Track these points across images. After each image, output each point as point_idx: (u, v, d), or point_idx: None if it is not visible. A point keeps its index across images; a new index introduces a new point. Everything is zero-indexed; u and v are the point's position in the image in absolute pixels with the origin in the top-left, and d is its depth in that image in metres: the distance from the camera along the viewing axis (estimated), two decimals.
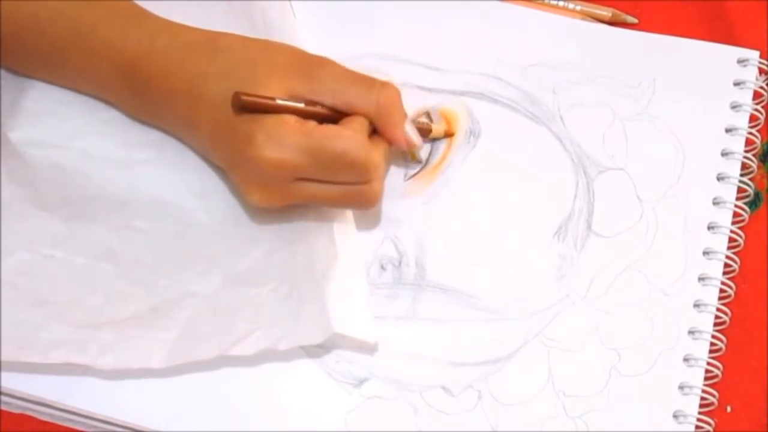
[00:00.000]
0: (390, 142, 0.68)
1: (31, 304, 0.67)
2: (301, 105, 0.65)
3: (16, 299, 0.67)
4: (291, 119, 0.64)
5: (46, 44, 0.69)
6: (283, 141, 0.64)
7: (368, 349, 0.68)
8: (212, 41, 0.67)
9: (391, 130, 0.67)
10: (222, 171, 0.71)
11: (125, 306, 0.68)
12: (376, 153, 0.66)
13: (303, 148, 0.64)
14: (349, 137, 0.64)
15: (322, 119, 0.66)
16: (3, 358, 0.65)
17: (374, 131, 0.67)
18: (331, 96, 0.65)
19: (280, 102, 0.64)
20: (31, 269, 0.68)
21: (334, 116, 0.66)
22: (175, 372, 0.66)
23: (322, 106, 0.66)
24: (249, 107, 0.64)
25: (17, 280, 0.67)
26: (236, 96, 0.63)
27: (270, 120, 0.64)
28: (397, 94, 0.67)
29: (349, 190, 0.66)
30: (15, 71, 0.73)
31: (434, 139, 0.74)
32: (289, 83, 0.65)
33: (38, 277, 0.68)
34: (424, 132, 0.72)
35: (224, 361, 0.66)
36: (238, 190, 0.68)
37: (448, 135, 0.74)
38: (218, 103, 0.65)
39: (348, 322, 0.66)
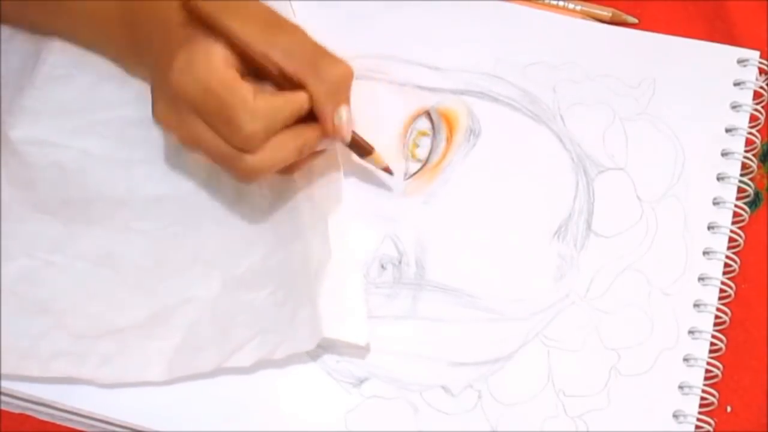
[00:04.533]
0: (319, 121, 0.66)
1: (32, 312, 0.67)
2: (249, 50, 0.63)
3: (17, 307, 0.67)
4: (219, 55, 0.63)
5: None
6: (194, 69, 0.63)
7: (361, 351, 0.68)
8: None
9: (322, 109, 0.65)
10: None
11: (125, 313, 0.68)
12: (262, 128, 0.63)
13: (205, 85, 0.63)
14: (244, 98, 0.63)
15: (264, 78, 0.64)
16: (3, 371, 0.65)
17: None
18: (281, 54, 0.64)
19: (225, 22, 0.63)
20: (31, 276, 0.68)
21: (278, 79, 0.64)
22: (176, 378, 0.66)
23: (270, 62, 0.64)
24: (195, 14, 0.63)
25: (18, 288, 0.67)
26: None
27: (199, 45, 0.63)
28: (346, 74, 0.65)
29: (228, 151, 0.64)
30: (12, 21, 0.73)
31: (371, 162, 0.72)
32: (248, 27, 0.63)
33: (39, 283, 0.68)
34: (365, 150, 0.70)
35: (225, 368, 0.66)
36: (151, 104, 0.67)
37: (386, 171, 0.72)
38: (172, 20, 0.65)
39: (339, 326, 0.66)
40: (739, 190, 0.72)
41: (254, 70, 0.65)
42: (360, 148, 0.70)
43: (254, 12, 0.65)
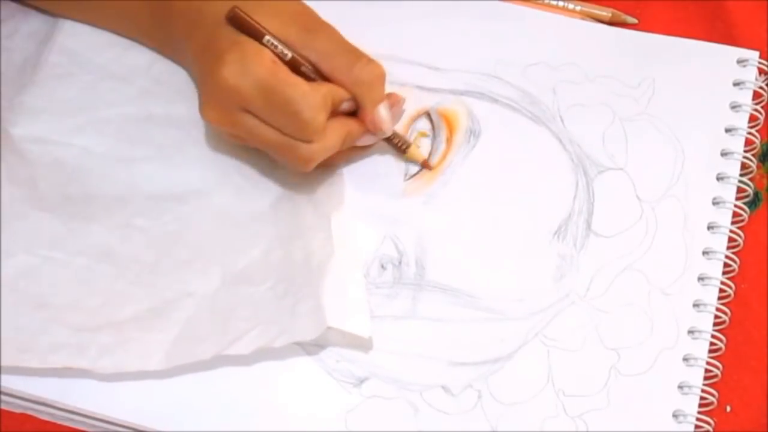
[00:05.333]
0: (361, 119, 0.69)
1: (31, 307, 0.67)
2: (288, 54, 0.66)
3: (16, 303, 0.67)
4: (267, 54, 0.65)
5: None
6: (247, 69, 0.65)
7: (363, 344, 0.68)
8: None
9: (362, 107, 0.68)
10: (222, 166, 0.72)
11: (124, 307, 0.68)
12: (324, 117, 0.66)
13: (261, 83, 0.65)
14: (304, 91, 0.65)
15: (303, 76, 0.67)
16: (3, 363, 0.65)
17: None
18: (317, 56, 0.67)
19: (268, 37, 0.66)
20: (31, 272, 0.68)
21: (316, 79, 0.67)
22: (175, 371, 0.66)
23: (307, 62, 0.66)
24: (239, 24, 0.66)
25: (18, 283, 0.68)
26: (233, 9, 0.65)
27: (248, 45, 0.65)
28: (379, 74, 0.68)
29: (286, 142, 0.67)
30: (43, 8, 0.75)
31: (409, 160, 0.73)
32: (286, 29, 0.66)
33: (38, 279, 0.68)
34: (401, 148, 0.72)
35: (224, 360, 0.66)
36: (199, 104, 0.69)
37: (425, 166, 0.73)
38: (214, 21, 0.67)
39: (342, 317, 0.66)
40: (739, 190, 0.72)
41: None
42: (397, 144, 0.72)
43: (292, 16, 0.67)
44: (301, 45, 0.67)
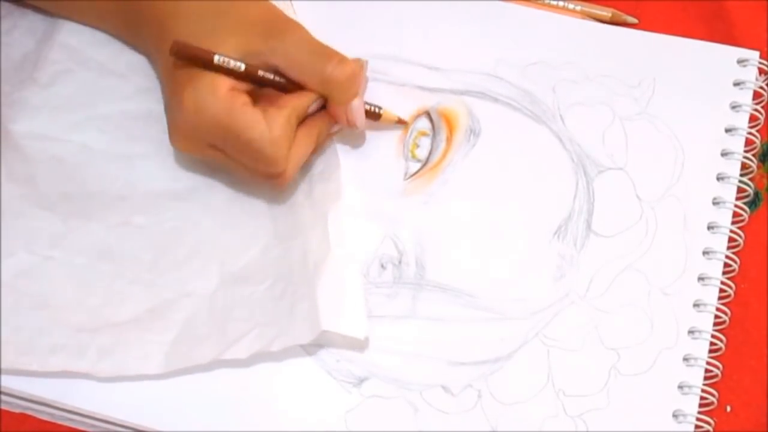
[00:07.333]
0: (332, 118, 0.69)
1: (30, 307, 0.67)
2: (241, 66, 0.65)
3: (16, 302, 0.67)
4: (224, 85, 0.65)
5: None
6: (204, 108, 0.64)
7: (359, 345, 0.68)
8: None
9: (334, 107, 0.68)
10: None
11: (123, 307, 0.68)
12: (286, 147, 0.65)
13: (219, 122, 0.64)
14: (262, 130, 0.64)
15: (268, 85, 0.66)
16: (3, 366, 0.65)
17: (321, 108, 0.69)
18: (284, 60, 0.66)
19: (216, 59, 0.64)
20: (30, 271, 0.68)
21: (282, 84, 0.67)
22: (173, 371, 0.67)
23: (273, 71, 0.66)
24: (185, 56, 0.65)
25: (17, 283, 0.68)
26: (174, 44, 0.64)
27: (202, 80, 0.64)
28: (352, 73, 0.67)
29: (255, 174, 0.67)
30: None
31: (384, 123, 0.73)
32: (250, 39, 0.65)
33: (38, 278, 0.68)
34: (373, 116, 0.72)
35: (223, 362, 0.66)
36: (168, 129, 0.68)
37: (400, 122, 0.73)
38: (172, 65, 0.66)
39: (337, 319, 0.66)
40: (739, 190, 0.72)
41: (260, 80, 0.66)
42: (368, 111, 0.71)
43: (253, 24, 0.66)
44: (266, 53, 0.66)
